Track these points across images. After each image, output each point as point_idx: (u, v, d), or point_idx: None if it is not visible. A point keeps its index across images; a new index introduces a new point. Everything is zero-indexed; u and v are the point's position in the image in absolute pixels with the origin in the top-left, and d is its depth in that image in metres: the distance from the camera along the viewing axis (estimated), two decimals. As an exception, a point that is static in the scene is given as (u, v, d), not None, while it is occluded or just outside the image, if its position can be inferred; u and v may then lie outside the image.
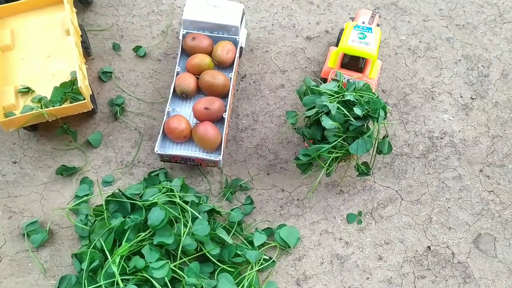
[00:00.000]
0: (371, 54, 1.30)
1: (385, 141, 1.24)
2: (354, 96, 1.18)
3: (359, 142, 1.19)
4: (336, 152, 1.20)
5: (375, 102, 1.18)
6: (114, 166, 1.36)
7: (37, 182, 1.33)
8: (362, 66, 1.36)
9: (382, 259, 1.25)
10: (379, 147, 1.25)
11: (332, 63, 1.38)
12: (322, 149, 1.19)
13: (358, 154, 1.19)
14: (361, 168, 1.27)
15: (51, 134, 1.39)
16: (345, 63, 1.37)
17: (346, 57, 1.36)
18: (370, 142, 1.20)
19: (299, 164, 1.26)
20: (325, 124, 1.16)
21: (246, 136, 1.41)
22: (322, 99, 1.18)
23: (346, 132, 1.20)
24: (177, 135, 1.27)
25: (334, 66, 1.37)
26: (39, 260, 1.22)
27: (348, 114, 1.17)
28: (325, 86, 1.23)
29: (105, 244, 1.08)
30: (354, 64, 1.36)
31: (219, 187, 1.34)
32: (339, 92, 1.21)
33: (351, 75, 1.35)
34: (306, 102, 1.22)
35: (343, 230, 1.29)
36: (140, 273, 1.07)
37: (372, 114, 1.19)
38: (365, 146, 1.19)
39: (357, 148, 1.19)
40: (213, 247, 1.17)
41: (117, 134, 1.40)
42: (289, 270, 1.23)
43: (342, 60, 1.37)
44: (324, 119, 1.17)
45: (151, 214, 1.10)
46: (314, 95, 1.21)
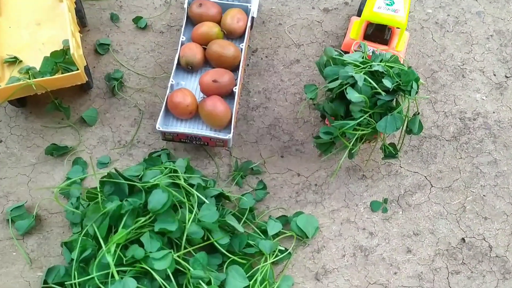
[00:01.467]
0: (401, 22, 1.16)
1: (415, 119, 1.10)
2: (383, 67, 1.05)
3: (388, 119, 1.05)
4: (362, 129, 1.06)
5: (407, 73, 1.05)
6: (111, 146, 1.22)
7: (25, 163, 1.19)
8: (388, 38, 1.22)
9: (411, 252, 1.12)
10: (409, 126, 1.11)
11: (354, 34, 1.24)
12: (347, 126, 1.05)
13: (386, 133, 1.05)
14: (389, 150, 1.13)
15: (41, 111, 1.25)
16: (368, 34, 1.23)
17: (370, 27, 1.22)
18: (400, 119, 1.05)
19: (319, 143, 1.12)
20: (351, 97, 1.02)
21: (258, 115, 1.27)
22: (347, 70, 1.04)
23: (373, 107, 1.06)
24: (181, 110, 1.13)
25: (357, 37, 1.23)
26: (25, 249, 1.08)
27: (377, 86, 1.03)
28: (350, 57, 1.09)
29: (99, 231, 0.94)
30: (379, 35, 1.22)
31: (227, 170, 1.20)
32: (365, 62, 1.07)
33: (376, 48, 1.21)
34: (328, 74, 1.08)
35: (366, 219, 1.15)
36: (139, 264, 0.93)
37: (404, 87, 1.05)
38: (395, 124, 1.05)
39: (386, 126, 1.05)
40: (222, 235, 1.03)
41: (115, 111, 1.27)
42: (306, 263, 1.10)
43: (366, 31, 1.23)
44: (350, 91, 1.02)
45: (152, 197, 0.96)
46: (336, 66, 1.08)
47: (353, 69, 1.05)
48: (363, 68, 1.06)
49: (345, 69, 1.05)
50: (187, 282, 0.95)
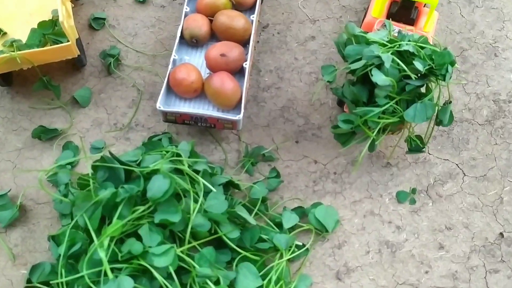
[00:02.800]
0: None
1: (447, 109, 0.97)
2: (413, 47, 0.92)
3: (417, 106, 0.92)
4: (387, 118, 0.93)
5: (442, 54, 0.91)
6: (106, 130, 1.09)
7: (9, 148, 1.06)
8: (414, 17, 1.08)
9: (444, 248, 0.99)
10: (439, 116, 0.97)
11: (377, 12, 1.10)
12: (371, 113, 0.91)
13: (415, 122, 0.92)
14: (415, 142, 1.01)
15: (28, 91, 1.13)
16: (392, 13, 1.08)
17: (395, 5, 1.08)
18: (431, 107, 0.92)
19: (337, 134, 0.99)
20: (377, 80, 0.88)
21: (270, 96, 1.15)
22: (372, 49, 0.91)
23: (400, 93, 0.93)
24: (185, 88, 1.00)
25: (380, 16, 1.09)
26: (7, 244, 0.96)
27: (406, 69, 0.89)
28: (375, 35, 0.95)
29: (90, 222, 0.81)
30: (405, 13, 1.07)
31: (236, 157, 1.08)
32: (393, 41, 0.94)
33: (402, 28, 1.08)
34: (349, 53, 0.95)
35: (392, 212, 1.02)
36: (136, 260, 0.80)
37: (437, 71, 0.91)
38: (425, 113, 0.92)
39: (415, 115, 0.92)
40: (232, 229, 0.90)
41: (111, 91, 1.14)
42: (326, 261, 0.97)
43: (390, 9, 1.09)
44: (376, 73, 0.89)
45: (152, 184, 0.84)
46: (359, 45, 0.95)
47: (379, 48, 0.91)
48: (391, 47, 0.92)
49: (370, 48, 0.91)
50: (191, 281, 0.83)
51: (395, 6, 1.08)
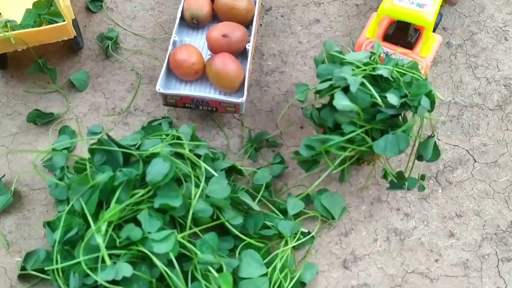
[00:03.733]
0: (425, 19, 0.94)
1: (428, 143, 0.89)
2: (390, 72, 0.82)
3: (388, 138, 0.81)
4: (353, 148, 0.84)
5: (418, 85, 0.81)
6: (104, 114, 1.05)
7: (4, 133, 1.03)
8: (413, 41, 1.01)
9: (454, 236, 0.95)
10: (420, 151, 0.90)
11: (370, 32, 1.02)
12: (331, 142, 0.82)
13: (386, 156, 0.82)
14: (392, 177, 0.92)
15: (23, 75, 1.09)
16: (389, 34, 1.01)
17: (392, 26, 1.01)
18: (405, 140, 0.82)
19: (299, 160, 0.91)
20: (337, 104, 0.79)
21: (273, 80, 1.11)
22: (343, 70, 0.83)
23: (371, 121, 0.83)
24: (186, 70, 0.96)
25: (373, 36, 1.02)
26: (1, 231, 0.92)
27: (376, 95, 0.79)
28: (352, 55, 0.87)
29: (87, 207, 0.77)
30: (402, 36, 1.00)
31: (239, 142, 1.04)
32: (369, 64, 0.85)
33: (394, 50, 1.00)
34: (320, 73, 0.86)
35: (400, 199, 0.99)
36: (135, 246, 0.77)
37: (410, 102, 0.81)
38: (398, 145, 0.82)
39: (386, 147, 0.81)
40: (235, 215, 0.87)
41: (108, 75, 1.10)
42: (333, 249, 0.93)
43: (386, 30, 1.03)
44: (338, 96, 0.80)
45: (151, 168, 0.80)
46: (334, 64, 0.87)
47: (351, 70, 0.83)
48: (364, 70, 0.83)
49: (341, 69, 0.83)
50: (193, 268, 0.79)
51: (392, 26, 1.01)
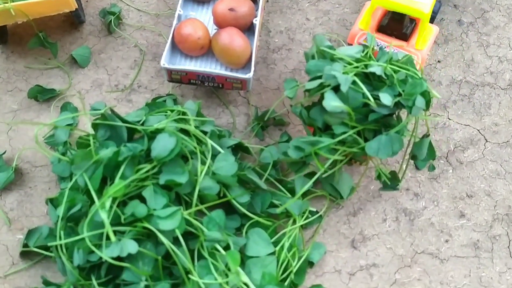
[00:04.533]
0: (421, 11, 0.90)
1: (423, 144, 0.86)
2: (383, 69, 0.77)
3: (382, 139, 0.78)
4: (344, 150, 0.80)
5: (413, 84, 0.77)
6: (107, 91, 1.03)
7: (4, 110, 1.00)
8: (408, 32, 0.97)
9: (465, 216, 0.94)
10: (414, 151, 0.87)
11: (364, 23, 0.98)
12: (320, 145, 0.79)
13: (378, 157, 0.79)
14: (385, 178, 0.89)
15: (24, 50, 1.06)
16: (383, 26, 0.98)
17: (387, 16, 0.97)
18: (399, 141, 0.79)
19: (288, 162, 0.89)
20: (326, 105, 0.75)
21: (280, 58, 1.08)
22: (334, 67, 0.78)
23: (363, 121, 0.79)
24: (191, 44, 0.93)
25: (366, 28, 0.98)
26: (2, 208, 0.90)
27: (369, 95, 0.75)
28: (344, 50, 0.83)
29: (91, 182, 0.75)
30: (397, 27, 0.96)
31: (245, 120, 1.02)
32: (362, 60, 0.81)
33: (389, 43, 0.95)
34: (310, 69, 0.82)
35: (410, 179, 0.97)
36: (140, 223, 0.75)
37: (404, 102, 0.77)
38: (391, 147, 0.78)
39: (378, 149, 0.78)
40: (242, 193, 0.85)
41: (111, 51, 1.07)
42: (341, 228, 0.92)
43: (380, 21, 0.99)
44: (328, 96, 0.75)
45: (157, 143, 0.78)
46: (325, 60, 0.82)
47: (343, 67, 0.79)
48: (356, 67, 0.79)
49: (332, 66, 0.78)
50: (199, 246, 0.77)
51: (387, 17, 0.97)
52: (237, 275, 0.74)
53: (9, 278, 0.83)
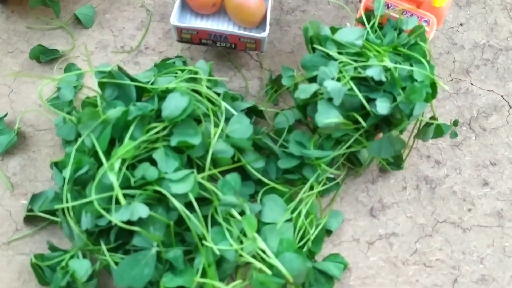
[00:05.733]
0: None
1: (428, 130, 0.82)
2: (381, 71, 0.71)
3: (383, 141, 0.77)
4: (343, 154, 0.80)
5: (413, 88, 0.70)
6: (113, 51, 0.98)
7: (5, 71, 0.95)
8: None
9: (488, 184, 0.90)
10: (420, 133, 0.83)
11: None
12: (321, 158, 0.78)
13: (381, 157, 0.80)
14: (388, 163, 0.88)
15: (24, 10, 1.01)
16: None
17: None
18: (400, 142, 0.78)
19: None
20: (318, 122, 0.71)
21: (294, 20, 1.03)
22: (329, 71, 0.73)
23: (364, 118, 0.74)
24: (202, 2, 0.88)
25: None
26: (5, 172, 0.86)
27: (365, 103, 0.71)
28: (343, 35, 0.76)
29: (99, 142, 0.71)
30: None
31: (258, 84, 0.97)
32: (361, 54, 0.75)
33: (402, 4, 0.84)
34: (306, 64, 0.77)
35: (431, 146, 0.92)
36: (151, 186, 0.71)
37: (402, 107, 0.72)
38: (393, 147, 0.78)
39: (380, 149, 0.78)
40: (256, 157, 0.81)
41: (116, 12, 1.02)
42: (359, 196, 0.88)
43: None
44: (321, 110, 0.72)
45: (168, 102, 0.73)
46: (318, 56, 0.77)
47: (337, 68, 0.73)
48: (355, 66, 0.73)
49: (327, 68, 0.73)
50: (213, 211, 0.73)
51: None
52: (254, 241, 0.70)
53: (12, 245, 0.80)
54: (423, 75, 0.73)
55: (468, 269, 0.83)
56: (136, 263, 0.68)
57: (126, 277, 0.68)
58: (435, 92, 0.75)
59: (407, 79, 0.73)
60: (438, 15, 0.83)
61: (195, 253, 0.73)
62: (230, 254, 0.70)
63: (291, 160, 0.80)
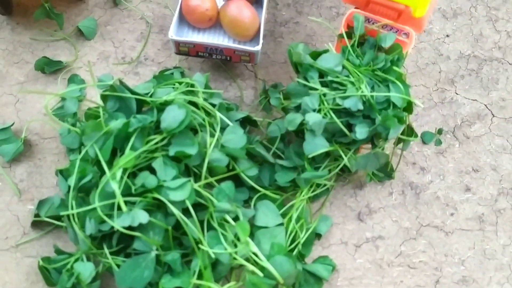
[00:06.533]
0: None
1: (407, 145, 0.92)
2: (358, 101, 0.78)
3: (369, 156, 0.84)
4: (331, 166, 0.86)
5: (385, 116, 0.77)
6: (114, 63, 1.02)
7: (11, 81, 1.00)
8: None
9: (470, 190, 0.95)
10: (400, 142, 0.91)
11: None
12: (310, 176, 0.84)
13: (367, 171, 0.88)
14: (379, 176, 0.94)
15: (29, 22, 1.05)
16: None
17: None
18: (384, 156, 0.86)
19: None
20: (306, 152, 0.80)
21: (287, 31, 1.07)
22: (311, 103, 0.80)
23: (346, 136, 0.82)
24: (199, 16, 0.93)
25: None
26: (12, 179, 0.91)
27: (345, 130, 0.79)
28: (323, 61, 0.82)
29: (102, 153, 0.76)
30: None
31: (252, 94, 1.01)
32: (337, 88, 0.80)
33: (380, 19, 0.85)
34: (290, 92, 0.84)
35: (417, 153, 0.97)
36: (151, 194, 0.75)
37: (380, 130, 0.79)
38: (377, 161, 0.86)
39: (367, 164, 0.85)
40: (250, 166, 0.85)
41: (117, 23, 1.06)
42: (347, 201, 0.93)
43: None
44: (308, 137, 0.80)
45: (166, 114, 0.78)
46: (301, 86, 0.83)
47: (318, 99, 0.80)
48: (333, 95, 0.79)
49: (309, 102, 0.80)
50: (209, 217, 0.78)
51: None
52: (247, 245, 0.75)
53: (21, 248, 0.85)
54: (399, 98, 0.79)
55: (450, 270, 0.88)
56: (136, 266, 0.73)
57: (127, 278, 0.73)
58: (411, 109, 0.82)
59: (385, 102, 0.79)
60: (418, 25, 0.86)
61: (192, 256, 0.78)
62: (225, 257, 0.75)
63: (287, 173, 0.86)
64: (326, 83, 0.82)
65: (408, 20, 0.84)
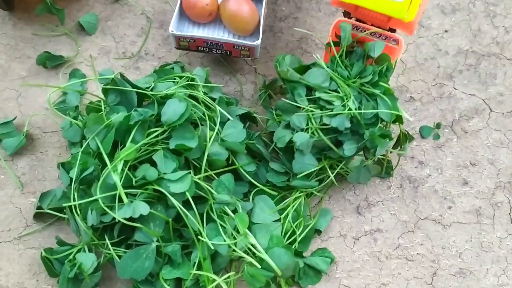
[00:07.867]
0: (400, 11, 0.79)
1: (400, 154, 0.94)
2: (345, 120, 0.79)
3: (360, 169, 0.87)
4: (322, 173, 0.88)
5: (373, 134, 0.79)
6: (115, 58, 1.03)
7: (13, 76, 1.01)
8: None
9: (468, 184, 0.95)
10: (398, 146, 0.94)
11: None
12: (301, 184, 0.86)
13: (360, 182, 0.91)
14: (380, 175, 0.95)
15: (31, 17, 1.06)
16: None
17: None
18: (375, 168, 0.91)
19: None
20: (296, 171, 0.84)
21: (287, 26, 1.08)
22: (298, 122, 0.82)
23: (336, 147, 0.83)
24: (199, 11, 0.93)
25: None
26: (14, 172, 0.92)
27: (334, 148, 0.82)
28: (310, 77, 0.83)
29: (103, 145, 0.77)
30: None
31: (252, 88, 1.02)
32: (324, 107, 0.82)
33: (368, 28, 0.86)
34: (279, 108, 0.87)
35: (415, 147, 0.98)
36: (151, 186, 0.76)
37: (369, 145, 0.82)
38: (369, 173, 0.90)
39: (359, 177, 0.89)
40: (249, 161, 0.86)
41: (118, 19, 1.07)
42: (346, 195, 0.94)
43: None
44: (298, 156, 0.83)
45: (167, 108, 0.79)
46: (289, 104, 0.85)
47: (306, 118, 0.82)
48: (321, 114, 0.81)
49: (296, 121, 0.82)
50: (208, 209, 0.79)
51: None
52: (245, 237, 0.76)
53: (23, 239, 0.86)
54: (387, 114, 0.80)
55: (447, 262, 0.89)
56: (137, 257, 0.74)
57: (128, 269, 0.74)
58: (401, 120, 0.84)
59: (373, 117, 0.80)
60: (409, 27, 0.85)
61: (191, 247, 0.79)
62: (224, 248, 0.76)
63: (279, 176, 0.88)
64: (314, 100, 0.83)
65: (398, 23, 0.84)
